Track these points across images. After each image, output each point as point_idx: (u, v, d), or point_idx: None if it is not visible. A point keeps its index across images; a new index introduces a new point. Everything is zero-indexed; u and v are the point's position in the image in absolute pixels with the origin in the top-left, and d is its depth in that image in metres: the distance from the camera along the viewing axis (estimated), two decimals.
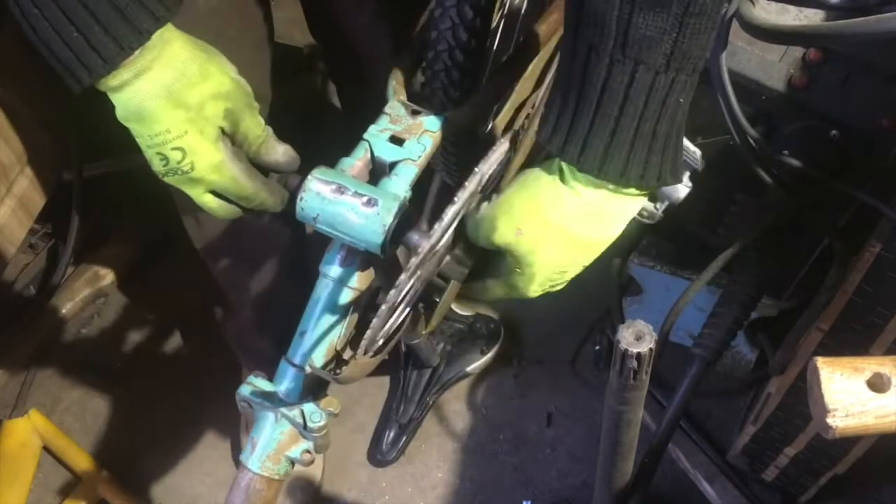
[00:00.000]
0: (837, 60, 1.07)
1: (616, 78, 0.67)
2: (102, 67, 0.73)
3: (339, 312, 0.83)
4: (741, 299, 1.16)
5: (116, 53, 0.72)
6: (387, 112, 0.88)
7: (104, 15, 0.71)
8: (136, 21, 0.72)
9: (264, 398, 0.84)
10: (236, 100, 0.80)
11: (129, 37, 0.72)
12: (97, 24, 0.71)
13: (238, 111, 0.81)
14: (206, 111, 0.78)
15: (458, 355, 1.76)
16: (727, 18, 0.99)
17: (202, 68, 0.77)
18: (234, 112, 0.80)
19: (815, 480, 1.48)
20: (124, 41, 0.72)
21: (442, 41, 0.94)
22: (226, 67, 0.79)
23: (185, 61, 0.76)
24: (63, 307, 1.89)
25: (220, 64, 0.79)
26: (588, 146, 0.70)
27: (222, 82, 0.78)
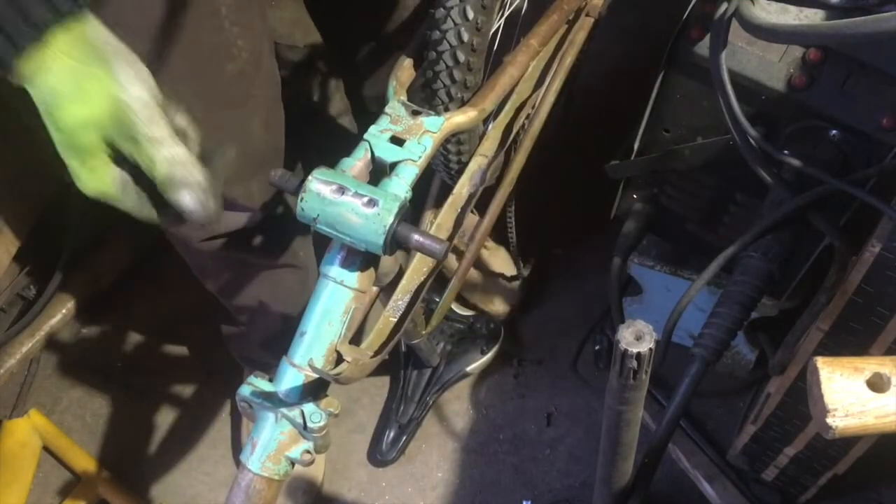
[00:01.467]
0: (837, 60, 1.07)
1: None
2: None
3: (339, 312, 0.83)
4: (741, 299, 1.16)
5: (9, 55, 0.62)
6: (387, 112, 0.88)
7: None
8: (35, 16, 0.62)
9: (264, 398, 0.84)
10: (117, 129, 0.67)
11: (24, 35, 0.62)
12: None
13: (119, 141, 0.68)
14: (79, 138, 0.67)
15: (458, 355, 1.76)
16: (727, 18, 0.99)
17: (79, 87, 0.64)
18: (114, 141, 0.68)
19: (815, 480, 1.48)
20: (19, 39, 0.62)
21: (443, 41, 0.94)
22: (111, 86, 0.65)
23: (62, 76, 0.64)
24: (63, 307, 1.89)
25: (103, 80, 0.65)
26: None
27: (99, 106, 0.65)
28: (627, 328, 0.83)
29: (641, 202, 1.41)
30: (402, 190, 0.83)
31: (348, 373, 0.82)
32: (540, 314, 1.87)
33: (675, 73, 1.18)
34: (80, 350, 1.89)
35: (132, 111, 0.66)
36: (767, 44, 1.08)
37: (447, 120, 0.88)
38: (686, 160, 1.26)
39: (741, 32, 0.97)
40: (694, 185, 1.32)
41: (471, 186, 1.00)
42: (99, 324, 1.92)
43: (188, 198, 0.70)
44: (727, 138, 1.12)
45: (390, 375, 1.78)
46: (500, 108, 1.10)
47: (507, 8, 1.12)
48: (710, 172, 1.27)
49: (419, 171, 0.85)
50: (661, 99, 1.22)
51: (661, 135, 1.27)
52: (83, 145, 0.67)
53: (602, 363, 1.78)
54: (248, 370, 1.66)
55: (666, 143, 1.27)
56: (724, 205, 1.32)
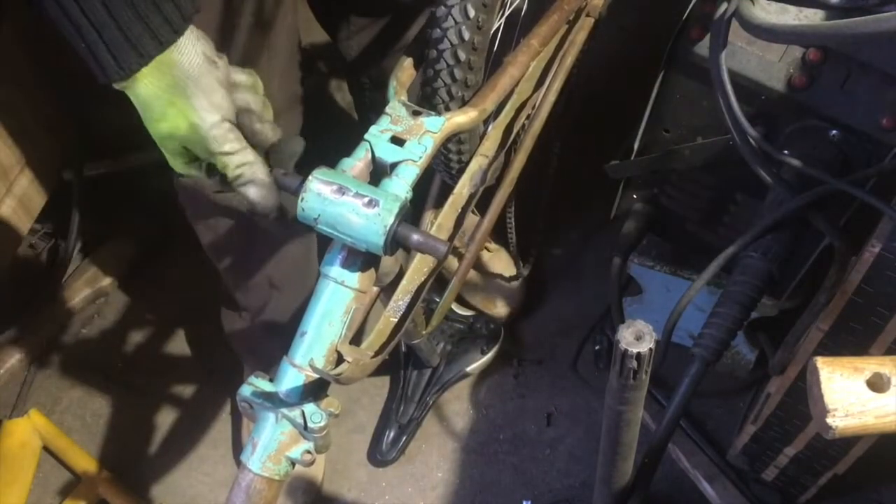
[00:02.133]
0: (837, 60, 1.07)
1: None
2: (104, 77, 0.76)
3: (340, 313, 0.83)
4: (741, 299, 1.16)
5: (115, 71, 0.75)
6: (388, 112, 0.88)
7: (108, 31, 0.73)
8: (140, 43, 0.74)
9: (265, 398, 0.84)
10: (193, 143, 0.82)
11: (129, 57, 0.75)
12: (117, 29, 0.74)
13: (196, 152, 0.83)
14: (166, 144, 0.83)
15: (458, 355, 1.76)
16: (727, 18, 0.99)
17: (163, 110, 0.79)
18: (193, 151, 0.83)
19: (815, 480, 1.48)
20: (124, 61, 0.75)
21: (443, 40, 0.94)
22: (188, 113, 0.80)
23: (149, 99, 0.78)
24: (63, 307, 1.89)
25: (182, 107, 0.79)
26: None
27: (178, 126, 0.80)
28: (627, 328, 0.83)
29: (641, 202, 1.41)
30: (402, 190, 0.83)
31: (349, 373, 0.81)
32: (540, 314, 1.87)
33: (675, 73, 1.18)
34: (80, 350, 1.89)
35: (205, 132, 0.81)
36: (767, 44, 1.08)
37: (448, 120, 0.88)
38: (686, 160, 1.26)
39: (741, 32, 0.97)
40: (694, 185, 1.32)
41: (471, 187, 1.00)
42: (99, 324, 1.93)
43: (253, 192, 0.84)
44: (727, 138, 1.12)
45: (390, 375, 1.78)
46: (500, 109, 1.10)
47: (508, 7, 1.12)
48: (710, 172, 1.27)
49: (420, 172, 0.85)
50: (661, 99, 1.23)
51: (661, 135, 1.27)
52: (168, 149, 0.83)
53: (602, 363, 1.78)
54: (249, 369, 1.66)
55: (666, 143, 1.27)
56: (724, 205, 1.32)
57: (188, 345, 1.88)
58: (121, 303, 1.95)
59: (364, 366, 0.83)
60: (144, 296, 1.95)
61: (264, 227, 1.35)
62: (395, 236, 0.79)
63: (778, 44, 1.07)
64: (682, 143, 1.25)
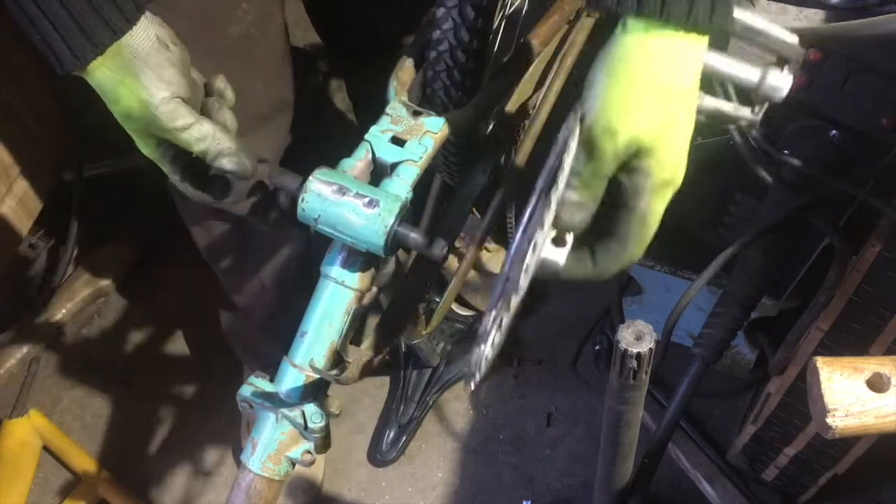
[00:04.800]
0: (837, 60, 1.07)
1: None
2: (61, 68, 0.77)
3: (340, 313, 0.83)
4: (741, 299, 1.16)
5: (70, 62, 0.76)
6: (388, 113, 0.88)
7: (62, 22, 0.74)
8: (94, 34, 0.75)
9: (265, 399, 0.84)
10: (146, 122, 0.81)
11: (84, 47, 0.75)
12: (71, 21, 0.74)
13: (153, 131, 0.82)
14: (127, 126, 0.82)
15: (458, 355, 1.76)
16: None
17: (115, 91, 0.79)
18: (150, 132, 0.82)
19: (815, 480, 1.48)
20: (79, 51, 0.75)
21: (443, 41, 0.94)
22: (137, 89, 0.79)
23: (102, 82, 0.79)
24: (63, 307, 1.89)
25: (130, 86, 0.79)
26: None
27: (131, 106, 0.80)
28: (627, 328, 0.84)
29: None
30: (402, 190, 0.83)
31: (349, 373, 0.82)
32: (540, 314, 1.87)
33: None
34: (80, 350, 1.89)
35: (154, 108, 0.79)
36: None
37: (448, 120, 0.88)
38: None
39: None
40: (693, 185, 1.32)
41: None
42: (99, 324, 1.93)
43: (226, 162, 0.83)
44: (727, 138, 1.12)
45: (390, 375, 1.78)
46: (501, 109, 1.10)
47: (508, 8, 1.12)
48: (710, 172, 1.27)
49: (420, 172, 0.85)
50: None
51: None
52: (130, 129, 0.82)
53: (602, 363, 1.78)
54: (249, 369, 1.66)
55: None
56: (724, 205, 1.32)
57: (188, 345, 1.88)
58: (121, 303, 1.95)
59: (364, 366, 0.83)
60: (144, 296, 1.95)
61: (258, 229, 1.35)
62: (396, 236, 0.79)
63: None
64: None
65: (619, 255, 0.71)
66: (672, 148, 0.68)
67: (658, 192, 0.70)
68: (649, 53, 0.65)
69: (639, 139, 0.66)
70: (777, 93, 0.76)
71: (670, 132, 0.67)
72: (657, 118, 0.66)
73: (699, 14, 0.64)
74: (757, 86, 0.74)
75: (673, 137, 0.68)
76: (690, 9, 0.63)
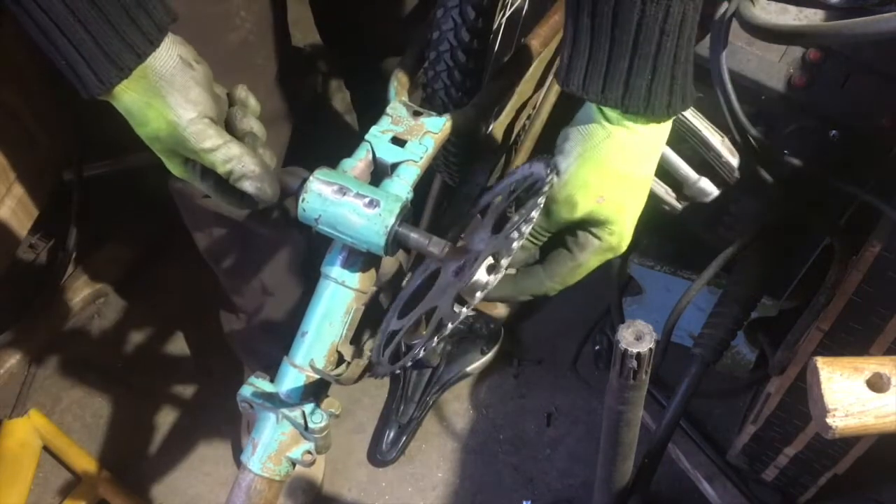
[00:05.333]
0: (837, 60, 1.07)
1: (651, 16, 0.67)
2: (86, 93, 0.78)
3: (340, 313, 0.83)
4: (741, 299, 1.16)
5: (95, 86, 0.76)
6: (388, 113, 0.88)
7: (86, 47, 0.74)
8: (119, 58, 0.75)
9: (265, 399, 0.84)
10: (175, 143, 0.82)
11: (108, 71, 0.76)
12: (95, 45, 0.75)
13: (181, 151, 0.83)
14: (155, 147, 0.83)
15: (458, 355, 1.76)
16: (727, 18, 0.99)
17: (142, 114, 0.80)
18: (177, 152, 0.83)
19: (815, 480, 1.48)
20: (103, 76, 0.76)
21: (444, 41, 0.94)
22: (164, 110, 0.80)
23: (129, 105, 0.79)
24: (63, 307, 1.89)
25: (158, 107, 0.80)
26: (631, 88, 0.71)
27: (158, 127, 0.80)
28: (627, 328, 0.84)
29: None
30: (403, 191, 0.83)
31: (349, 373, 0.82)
32: (540, 314, 1.87)
33: None
34: (80, 350, 1.89)
35: (182, 129, 0.80)
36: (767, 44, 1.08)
37: (448, 120, 0.88)
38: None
39: (741, 32, 0.97)
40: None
41: None
42: (99, 324, 1.93)
43: (248, 185, 0.83)
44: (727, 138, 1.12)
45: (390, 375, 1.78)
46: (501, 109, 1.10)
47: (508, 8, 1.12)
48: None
49: (420, 172, 0.85)
50: None
51: None
52: (158, 150, 0.83)
53: (602, 363, 1.78)
54: (249, 369, 1.66)
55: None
56: (724, 205, 1.32)
57: (188, 345, 1.88)
58: (121, 303, 1.95)
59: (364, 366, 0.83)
60: (144, 296, 1.95)
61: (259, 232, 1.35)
62: (396, 236, 0.79)
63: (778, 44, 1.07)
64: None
65: (541, 284, 0.80)
66: (623, 223, 0.78)
67: (600, 254, 0.79)
68: (620, 145, 0.74)
69: (594, 214, 0.76)
70: (703, 195, 0.91)
71: (624, 211, 0.77)
72: (615, 200, 0.76)
73: (656, 105, 0.72)
74: (691, 185, 0.88)
75: (625, 216, 0.77)
76: (648, 101, 0.72)
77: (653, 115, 0.73)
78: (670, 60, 0.70)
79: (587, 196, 0.75)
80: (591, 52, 0.70)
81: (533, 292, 0.81)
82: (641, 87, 0.71)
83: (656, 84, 0.71)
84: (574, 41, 0.71)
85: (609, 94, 0.71)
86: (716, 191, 0.86)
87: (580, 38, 0.71)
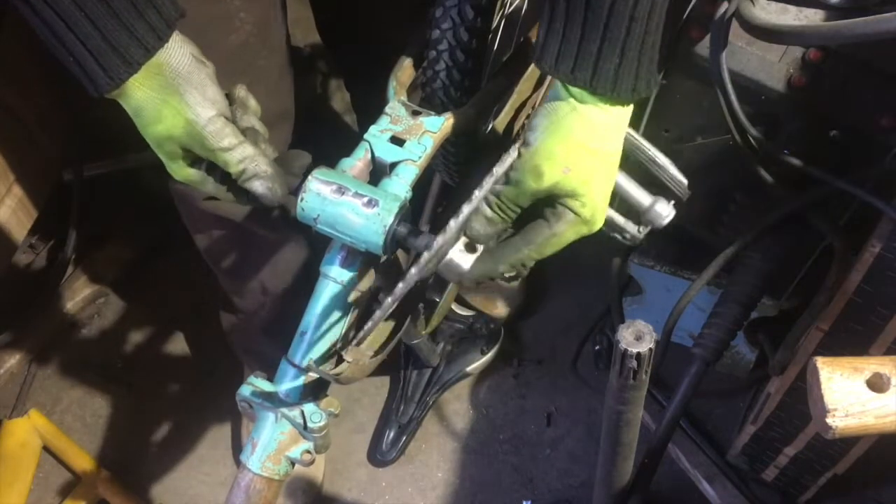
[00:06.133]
0: (837, 60, 1.07)
1: (621, 2, 0.70)
2: (94, 89, 0.77)
3: (339, 313, 0.83)
4: (741, 299, 1.16)
5: (105, 82, 0.76)
6: (387, 112, 0.88)
7: (94, 43, 0.74)
8: (127, 52, 0.75)
9: (265, 398, 0.84)
10: (191, 141, 0.81)
11: (117, 66, 0.75)
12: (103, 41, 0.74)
13: (195, 150, 0.82)
14: (164, 147, 0.82)
15: (458, 355, 1.76)
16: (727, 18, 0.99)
17: (157, 111, 0.79)
18: (192, 150, 0.82)
19: (815, 480, 1.48)
20: (112, 71, 0.75)
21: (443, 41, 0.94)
22: (183, 108, 0.79)
23: (142, 103, 0.78)
24: (63, 307, 1.89)
25: (176, 105, 0.79)
26: (599, 70, 0.74)
27: (174, 125, 0.80)
28: (627, 328, 0.83)
29: None
30: (402, 190, 0.83)
31: (348, 373, 0.82)
32: (540, 314, 1.87)
33: (675, 73, 1.18)
34: (80, 350, 1.89)
35: (201, 127, 0.80)
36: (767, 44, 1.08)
37: (447, 120, 0.88)
38: (686, 160, 1.26)
39: (741, 32, 0.97)
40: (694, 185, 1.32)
41: None
42: (99, 324, 1.93)
43: (258, 185, 0.83)
44: (727, 138, 1.12)
45: (390, 375, 1.78)
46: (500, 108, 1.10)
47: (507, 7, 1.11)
48: (710, 172, 1.27)
49: (419, 172, 0.85)
50: (661, 99, 1.22)
51: (661, 134, 1.27)
52: (167, 152, 0.82)
53: (602, 363, 1.78)
54: (249, 369, 1.66)
55: (666, 143, 1.27)
56: (724, 205, 1.31)
57: (188, 345, 1.88)
58: (121, 303, 1.95)
59: (363, 366, 0.83)
60: (144, 296, 1.95)
61: (259, 234, 1.35)
62: (395, 236, 0.79)
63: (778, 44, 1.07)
64: (682, 143, 1.25)
65: (518, 250, 0.81)
66: (592, 196, 0.79)
67: (574, 225, 0.80)
68: (585, 120, 0.77)
69: (560, 185, 0.78)
70: (659, 219, 0.89)
71: (591, 184, 0.79)
72: (580, 171, 0.78)
73: (622, 88, 0.75)
74: (646, 210, 0.88)
75: (593, 188, 0.79)
76: (615, 84, 0.75)
77: (619, 97, 0.76)
78: (638, 46, 0.73)
79: (553, 166, 0.77)
80: (565, 34, 0.73)
81: (510, 260, 0.82)
82: (609, 70, 0.74)
83: (623, 68, 0.74)
84: (550, 23, 0.74)
85: (578, 74, 0.74)
86: (672, 212, 0.88)
87: (555, 21, 0.74)
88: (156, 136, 0.81)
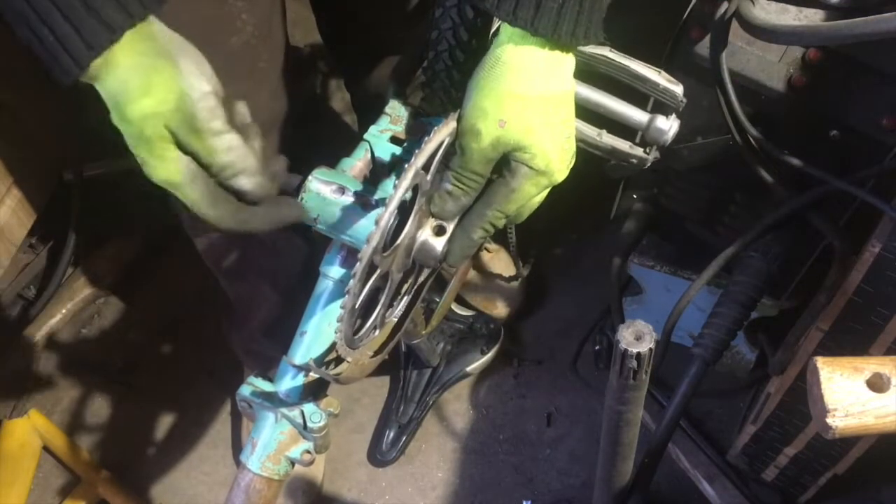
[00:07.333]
0: (837, 60, 1.07)
1: None
2: (74, 67, 0.69)
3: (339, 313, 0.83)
4: (741, 299, 1.16)
5: (85, 54, 0.68)
6: (387, 112, 0.88)
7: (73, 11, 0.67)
8: (109, 17, 0.67)
9: (265, 398, 0.84)
10: (178, 120, 0.72)
11: (99, 35, 0.67)
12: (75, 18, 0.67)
13: (180, 134, 0.73)
14: (146, 131, 0.72)
15: (458, 355, 1.76)
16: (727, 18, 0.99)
17: (147, 80, 0.70)
18: (178, 133, 0.73)
19: (815, 480, 1.48)
20: (94, 40, 0.67)
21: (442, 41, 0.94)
22: (177, 79, 0.71)
23: (129, 70, 0.70)
24: (63, 307, 1.89)
25: (169, 73, 0.71)
26: (542, 8, 0.73)
27: (165, 99, 0.71)
28: (627, 328, 0.83)
29: (641, 202, 1.41)
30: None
31: (348, 373, 0.82)
32: (540, 314, 1.87)
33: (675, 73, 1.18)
34: (80, 350, 1.89)
35: (195, 103, 0.72)
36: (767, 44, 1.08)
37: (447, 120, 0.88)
38: (686, 160, 1.26)
39: (741, 32, 0.97)
40: (694, 185, 1.32)
41: None
42: (99, 324, 1.93)
43: (245, 181, 0.76)
44: (727, 138, 1.12)
45: (390, 375, 1.78)
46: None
47: None
48: (710, 172, 1.27)
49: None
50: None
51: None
52: (150, 135, 0.72)
53: (602, 363, 1.78)
54: (249, 369, 1.66)
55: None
56: (724, 205, 1.31)
57: (188, 345, 1.88)
58: (121, 303, 1.95)
59: (363, 366, 0.83)
60: (144, 296, 1.95)
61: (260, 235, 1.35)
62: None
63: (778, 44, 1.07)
64: (682, 142, 1.25)
65: (482, 215, 0.79)
66: (539, 145, 0.76)
67: (532, 179, 0.78)
68: (513, 67, 0.75)
69: (503, 140, 0.76)
70: (662, 135, 0.86)
71: (534, 132, 0.76)
72: (517, 122, 0.75)
73: (563, 30, 0.73)
74: (646, 127, 0.85)
75: (537, 136, 0.76)
76: (557, 24, 0.73)
77: (559, 39, 0.74)
78: None
79: (487, 122, 0.75)
80: None
81: (478, 226, 0.80)
82: (552, 9, 0.72)
83: (565, 9, 0.73)
84: None
85: (520, 13, 0.73)
86: (673, 124, 0.86)
87: None
88: (140, 113, 0.70)
